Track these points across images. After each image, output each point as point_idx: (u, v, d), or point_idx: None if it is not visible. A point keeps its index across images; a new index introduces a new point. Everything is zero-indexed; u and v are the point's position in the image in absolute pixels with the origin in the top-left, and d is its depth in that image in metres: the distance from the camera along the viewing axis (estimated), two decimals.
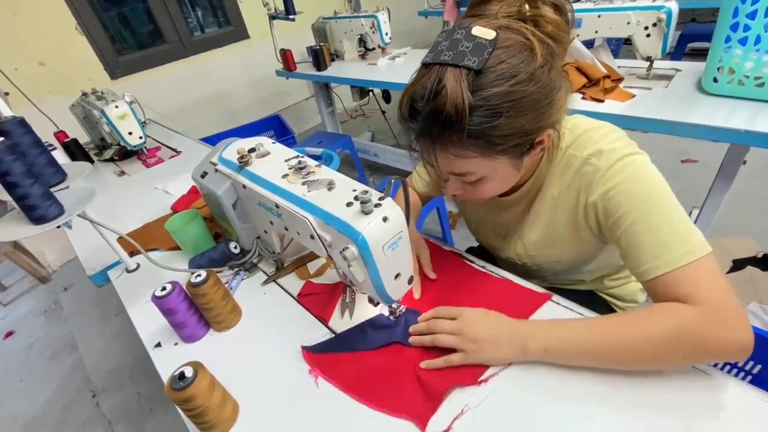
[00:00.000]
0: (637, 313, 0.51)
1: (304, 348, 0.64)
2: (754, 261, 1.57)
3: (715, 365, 0.80)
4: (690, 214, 1.58)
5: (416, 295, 0.70)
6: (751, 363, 0.78)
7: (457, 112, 0.47)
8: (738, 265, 1.57)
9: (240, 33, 3.07)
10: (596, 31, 1.38)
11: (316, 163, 0.64)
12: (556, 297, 0.65)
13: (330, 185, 0.57)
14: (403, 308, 0.64)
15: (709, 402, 0.48)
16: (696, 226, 0.50)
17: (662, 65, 1.43)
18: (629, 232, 0.52)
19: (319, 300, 0.73)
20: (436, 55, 0.49)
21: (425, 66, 0.50)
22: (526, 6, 0.50)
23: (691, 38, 3.00)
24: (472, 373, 0.55)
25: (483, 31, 0.47)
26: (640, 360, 0.49)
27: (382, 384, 0.56)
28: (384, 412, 0.53)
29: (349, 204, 0.53)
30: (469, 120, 0.48)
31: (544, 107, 0.50)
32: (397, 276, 0.56)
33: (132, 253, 0.93)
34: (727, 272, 1.55)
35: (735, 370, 0.80)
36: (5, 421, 1.60)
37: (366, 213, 0.50)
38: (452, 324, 0.57)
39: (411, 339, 0.61)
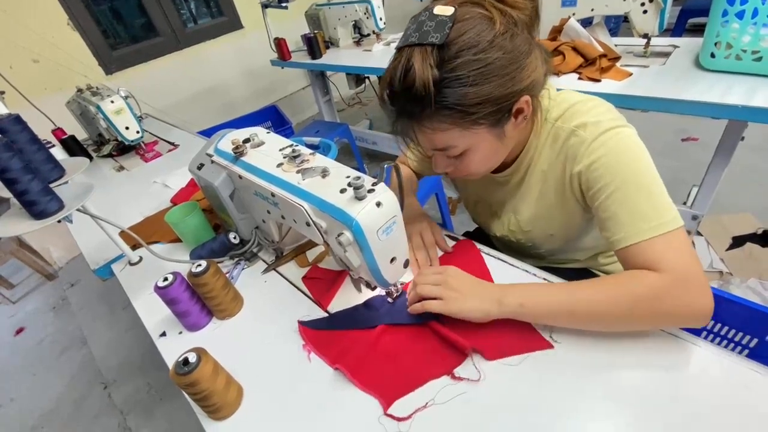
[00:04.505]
0: (608, 278, 0.54)
1: (300, 323, 0.67)
2: (753, 237, 1.57)
3: (713, 339, 0.82)
4: (690, 193, 1.59)
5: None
6: (748, 337, 0.79)
7: (426, 87, 0.50)
8: (738, 241, 1.58)
9: (233, 23, 3.03)
10: (592, 9, 1.36)
11: (310, 151, 0.65)
12: (548, 275, 0.66)
13: (324, 173, 0.58)
14: (400, 289, 0.65)
15: (700, 373, 0.49)
16: (671, 201, 0.52)
17: (660, 42, 1.41)
18: (608, 202, 0.54)
19: (321, 285, 0.75)
20: (405, 38, 0.53)
21: (398, 50, 0.54)
22: None
23: (692, 13, 2.94)
24: (448, 365, 0.56)
25: (443, 9, 0.50)
26: (608, 320, 0.52)
27: (362, 358, 0.58)
28: (355, 384, 0.55)
29: (342, 190, 0.53)
30: (438, 93, 0.51)
31: (512, 72, 0.52)
32: (392, 260, 0.57)
33: (134, 247, 0.94)
34: (727, 249, 1.56)
35: (732, 344, 0.82)
36: (21, 414, 1.64)
37: (359, 199, 0.51)
38: (436, 276, 0.60)
39: (409, 307, 0.62)
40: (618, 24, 3.31)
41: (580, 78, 1.30)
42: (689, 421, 0.45)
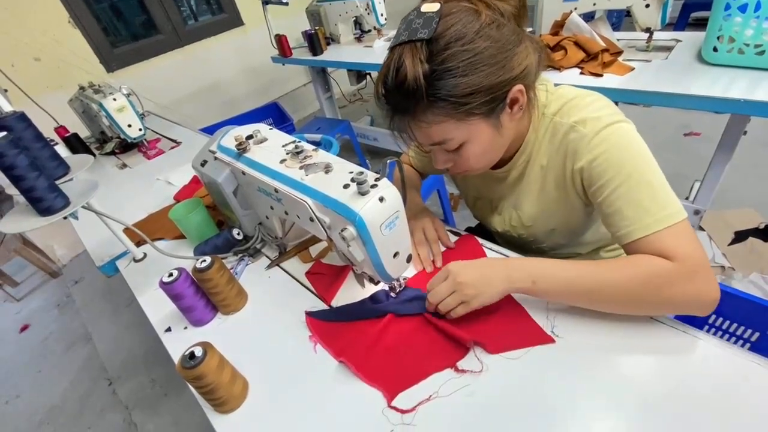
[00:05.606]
0: (621, 259, 0.54)
1: (307, 313, 0.68)
2: (756, 232, 1.57)
3: (715, 333, 0.82)
4: (692, 188, 1.58)
5: (428, 269, 0.72)
6: (749, 331, 0.80)
7: (417, 81, 0.51)
8: (740, 236, 1.57)
9: (234, 20, 3.03)
10: (594, 4, 1.35)
11: (313, 147, 0.65)
12: None
13: (327, 168, 0.58)
14: (403, 284, 0.66)
15: (701, 365, 0.50)
16: (674, 194, 0.53)
17: (662, 36, 1.41)
18: (611, 197, 0.55)
19: (324, 280, 0.76)
20: (397, 38, 0.54)
21: (390, 50, 0.55)
22: None
23: (694, 7, 2.92)
24: (451, 358, 0.56)
25: (430, 6, 0.52)
26: (620, 300, 0.53)
27: (366, 351, 0.59)
28: (360, 377, 0.56)
29: (346, 186, 0.54)
30: (430, 86, 0.52)
31: (501, 61, 0.52)
32: (395, 255, 0.57)
33: (138, 243, 0.95)
34: (729, 244, 1.56)
35: (734, 338, 0.82)
36: (27, 409, 1.66)
37: (362, 194, 0.51)
38: (446, 285, 0.58)
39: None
40: (620, 18, 3.29)
41: (582, 73, 1.30)
42: (690, 412, 0.45)
